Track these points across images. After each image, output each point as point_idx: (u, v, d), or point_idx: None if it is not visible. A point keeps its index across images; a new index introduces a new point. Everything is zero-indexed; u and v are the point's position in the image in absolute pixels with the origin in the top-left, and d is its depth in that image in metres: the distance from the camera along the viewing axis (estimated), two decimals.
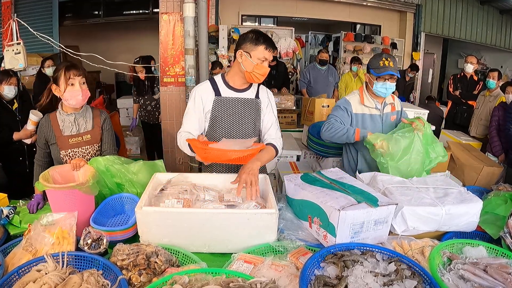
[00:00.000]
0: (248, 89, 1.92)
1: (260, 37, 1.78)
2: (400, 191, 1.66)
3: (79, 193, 1.52)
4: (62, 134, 1.93)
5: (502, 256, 1.37)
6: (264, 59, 1.80)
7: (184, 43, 3.26)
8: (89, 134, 1.98)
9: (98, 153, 2.03)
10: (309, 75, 5.39)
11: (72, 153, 1.95)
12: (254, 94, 1.93)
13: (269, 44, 1.80)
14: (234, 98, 1.88)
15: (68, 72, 1.85)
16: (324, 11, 7.55)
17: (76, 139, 1.95)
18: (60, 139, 1.92)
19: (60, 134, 1.92)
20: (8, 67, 3.47)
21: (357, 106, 2.23)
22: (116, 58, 4.00)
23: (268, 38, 1.81)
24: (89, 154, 1.99)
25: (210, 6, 6.30)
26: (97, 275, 1.19)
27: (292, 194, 1.69)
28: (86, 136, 1.97)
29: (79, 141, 1.96)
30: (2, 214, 1.53)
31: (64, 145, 1.93)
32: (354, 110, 2.22)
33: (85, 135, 1.97)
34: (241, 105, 1.88)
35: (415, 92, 7.83)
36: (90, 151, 2.00)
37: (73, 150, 1.95)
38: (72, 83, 1.86)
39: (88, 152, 1.99)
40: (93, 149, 2.00)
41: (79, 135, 1.96)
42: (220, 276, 1.19)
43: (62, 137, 1.92)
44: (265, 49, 1.78)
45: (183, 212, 1.43)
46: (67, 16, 7.55)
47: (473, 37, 8.28)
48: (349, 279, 1.15)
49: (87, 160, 1.87)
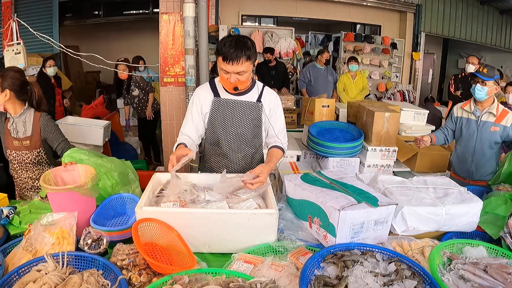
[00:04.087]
0: (247, 92, 1.83)
1: (222, 46, 1.58)
2: (400, 191, 1.66)
3: (79, 194, 1.51)
4: (10, 135, 2.02)
5: (502, 256, 1.37)
6: (226, 71, 1.61)
7: (184, 43, 3.26)
8: (28, 140, 2.04)
9: (39, 158, 2.10)
10: (310, 74, 5.40)
11: (15, 154, 2.05)
12: (255, 97, 1.84)
13: (228, 56, 1.56)
14: (233, 101, 1.82)
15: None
16: (324, 11, 7.54)
17: (17, 143, 2.04)
18: (8, 139, 2.03)
19: (9, 133, 2.02)
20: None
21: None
22: (116, 58, 4.02)
23: (231, 48, 1.55)
24: (29, 159, 2.07)
25: (210, 6, 6.30)
26: (97, 275, 1.19)
27: (292, 194, 1.68)
28: (25, 142, 2.04)
29: (19, 145, 2.04)
30: (2, 214, 1.53)
31: (9, 145, 2.04)
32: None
33: (24, 140, 2.04)
34: (240, 108, 1.82)
35: (414, 92, 7.83)
36: (30, 156, 2.07)
37: (16, 152, 2.04)
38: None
39: (28, 157, 2.06)
40: (32, 154, 2.07)
41: (19, 139, 2.03)
42: (220, 276, 1.19)
43: (9, 137, 2.03)
44: (222, 60, 1.59)
45: (183, 212, 1.43)
46: (67, 16, 7.55)
47: (473, 37, 8.27)
48: (349, 279, 1.15)
49: (28, 165, 2.02)
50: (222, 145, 1.88)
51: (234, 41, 1.59)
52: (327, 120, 3.39)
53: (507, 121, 2.46)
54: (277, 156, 1.82)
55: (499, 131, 2.47)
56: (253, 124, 1.86)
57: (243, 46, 1.58)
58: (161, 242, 1.38)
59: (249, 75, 1.67)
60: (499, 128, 2.47)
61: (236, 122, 1.84)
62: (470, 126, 2.58)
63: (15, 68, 2.13)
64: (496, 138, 2.49)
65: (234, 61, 1.57)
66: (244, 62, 1.59)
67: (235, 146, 1.88)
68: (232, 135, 1.86)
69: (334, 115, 3.51)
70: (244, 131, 1.86)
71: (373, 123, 2.94)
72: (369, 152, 3.04)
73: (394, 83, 7.86)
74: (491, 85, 2.43)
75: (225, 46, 1.58)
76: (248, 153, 1.92)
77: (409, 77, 8.07)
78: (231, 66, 1.59)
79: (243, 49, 1.58)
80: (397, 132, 3.10)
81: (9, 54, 3.43)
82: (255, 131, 1.89)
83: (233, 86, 1.66)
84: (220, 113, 1.83)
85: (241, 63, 1.59)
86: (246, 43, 1.61)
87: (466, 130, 2.60)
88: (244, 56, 1.58)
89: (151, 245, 1.35)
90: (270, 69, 5.51)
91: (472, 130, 2.57)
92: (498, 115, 2.47)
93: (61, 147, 2.10)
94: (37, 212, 1.70)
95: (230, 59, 1.57)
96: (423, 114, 3.60)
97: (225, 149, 1.89)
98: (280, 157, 1.85)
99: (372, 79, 7.79)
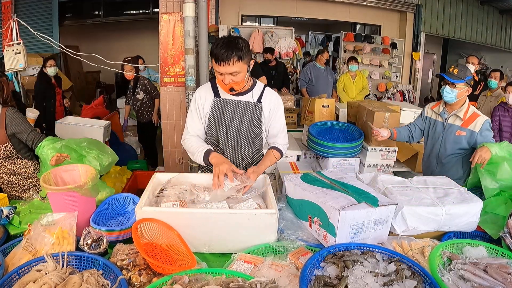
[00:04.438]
0: (247, 93, 1.83)
1: (214, 48, 1.59)
2: (400, 191, 1.66)
3: (79, 194, 1.52)
4: None
5: (502, 256, 1.37)
6: (220, 72, 1.62)
7: (184, 43, 3.25)
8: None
9: (8, 152, 2.12)
10: (311, 74, 5.40)
11: None
12: (255, 98, 1.83)
13: (219, 57, 1.56)
14: (233, 101, 1.82)
15: None
16: (324, 11, 7.55)
17: None
18: None
19: None
20: (8, 67, 3.48)
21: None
22: (116, 58, 4.01)
23: (222, 49, 1.56)
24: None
25: (210, 6, 6.30)
26: (97, 275, 1.19)
27: (292, 194, 1.69)
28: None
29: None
30: (2, 214, 1.53)
31: None
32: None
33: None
34: (239, 108, 1.82)
35: (414, 92, 7.83)
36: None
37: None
38: None
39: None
40: (0, 149, 2.08)
41: None
42: (220, 276, 1.19)
43: None
44: (215, 62, 1.60)
45: (183, 212, 1.43)
46: (67, 16, 7.56)
47: (473, 37, 8.28)
48: (349, 279, 1.15)
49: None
50: (221, 145, 1.89)
51: (226, 42, 1.59)
52: (327, 120, 3.39)
53: (476, 126, 2.23)
54: (271, 159, 1.87)
55: (465, 136, 2.26)
56: (253, 124, 1.86)
57: (234, 47, 1.58)
58: (161, 242, 1.38)
59: (244, 76, 1.67)
60: (465, 132, 2.26)
61: (236, 122, 1.84)
62: (436, 128, 2.42)
63: None
64: (462, 144, 2.28)
65: (225, 62, 1.57)
66: (236, 62, 1.59)
67: (235, 146, 1.88)
68: (232, 135, 1.86)
69: (334, 115, 3.51)
70: (244, 131, 1.86)
71: (373, 123, 2.94)
72: (369, 152, 3.05)
73: (394, 83, 7.87)
74: (461, 87, 2.22)
75: (217, 48, 1.58)
76: (248, 153, 1.92)
77: (409, 77, 8.07)
78: (223, 67, 1.59)
79: (234, 50, 1.57)
80: None
81: (9, 54, 3.43)
82: (255, 131, 1.88)
83: (229, 87, 1.67)
84: (220, 113, 1.83)
85: (232, 63, 1.58)
86: (238, 43, 1.60)
87: (433, 132, 2.45)
88: (235, 57, 1.58)
89: (151, 245, 1.35)
90: (270, 69, 5.52)
91: (438, 132, 2.41)
92: (466, 118, 2.26)
93: (31, 138, 2.09)
94: (37, 212, 1.70)
95: (221, 60, 1.57)
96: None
97: (225, 149, 1.89)
98: (275, 161, 1.90)
99: (372, 79, 7.79)
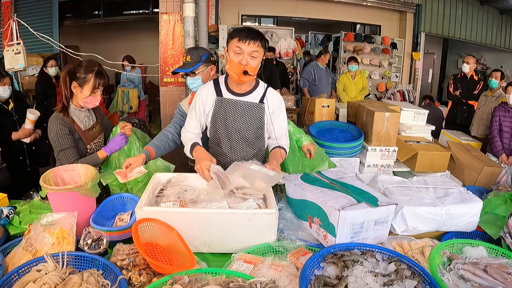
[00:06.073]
0: (250, 93, 1.82)
1: (239, 31, 1.66)
2: (400, 191, 1.66)
3: (79, 194, 1.52)
4: (82, 129, 2.00)
5: (502, 256, 1.37)
6: (239, 51, 1.65)
7: (184, 43, 3.26)
8: (98, 125, 2.11)
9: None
10: (314, 73, 5.41)
11: (94, 146, 2.06)
12: (258, 98, 1.82)
13: (244, 35, 1.63)
14: (235, 101, 1.81)
15: (98, 80, 1.90)
16: (324, 11, 7.54)
17: (92, 131, 2.06)
18: (83, 134, 2.00)
19: (80, 128, 1.99)
20: (8, 67, 3.48)
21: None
22: (116, 58, 4.01)
23: (247, 31, 1.65)
24: (102, 143, 2.13)
25: (210, 6, 6.29)
26: (97, 275, 1.19)
27: (292, 194, 1.68)
28: (97, 127, 2.09)
29: (95, 132, 2.08)
30: (2, 214, 1.53)
31: (87, 139, 2.01)
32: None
33: (96, 126, 2.09)
34: (242, 109, 1.81)
35: (414, 92, 7.83)
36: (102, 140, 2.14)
37: (94, 142, 2.06)
38: (96, 92, 1.92)
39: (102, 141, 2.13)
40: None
41: (92, 128, 2.06)
42: (220, 276, 1.19)
43: (83, 131, 2.00)
44: (238, 40, 1.64)
45: (182, 212, 1.43)
46: (67, 16, 7.56)
47: (473, 37, 8.27)
48: (349, 279, 1.15)
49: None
50: (222, 145, 1.88)
51: (249, 28, 1.69)
52: (327, 120, 3.39)
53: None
54: (282, 153, 1.86)
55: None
56: (255, 125, 1.85)
57: (257, 33, 1.68)
58: (161, 242, 1.38)
59: (258, 64, 1.71)
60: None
61: (237, 122, 1.83)
62: None
63: None
64: None
65: (250, 40, 1.63)
66: (259, 45, 1.66)
67: (236, 146, 1.88)
68: (233, 136, 1.85)
69: (334, 115, 3.51)
70: (245, 132, 1.85)
71: (373, 123, 2.94)
72: (369, 152, 3.04)
73: (394, 83, 7.86)
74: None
75: (240, 30, 1.66)
76: (249, 154, 1.90)
77: (409, 77, 8.06)
78: (247, 45, 1.63)
79: (258, 33, 1.67)
80: (397, 132, 3.10)
81: (9, 54, 3.43)
82: (257, 132, 1.87)
83: (243, 69, 1.67)
84: (222, 113, 1.82)
85: (256, 44, 1.65)
86: (260, 32, 1.71)
87: None
88: (259, 39, 1.66)
89: (151, 245, 1.35)
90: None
91: None
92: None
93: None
94: (37, 212, 1.70)
95: (246, 37, 1.63)
96: (423, 114, 3.60)
97: (226, 149, 1.88)
98: (285, 156, 1.90)
99: (372, 79, 7.78)
